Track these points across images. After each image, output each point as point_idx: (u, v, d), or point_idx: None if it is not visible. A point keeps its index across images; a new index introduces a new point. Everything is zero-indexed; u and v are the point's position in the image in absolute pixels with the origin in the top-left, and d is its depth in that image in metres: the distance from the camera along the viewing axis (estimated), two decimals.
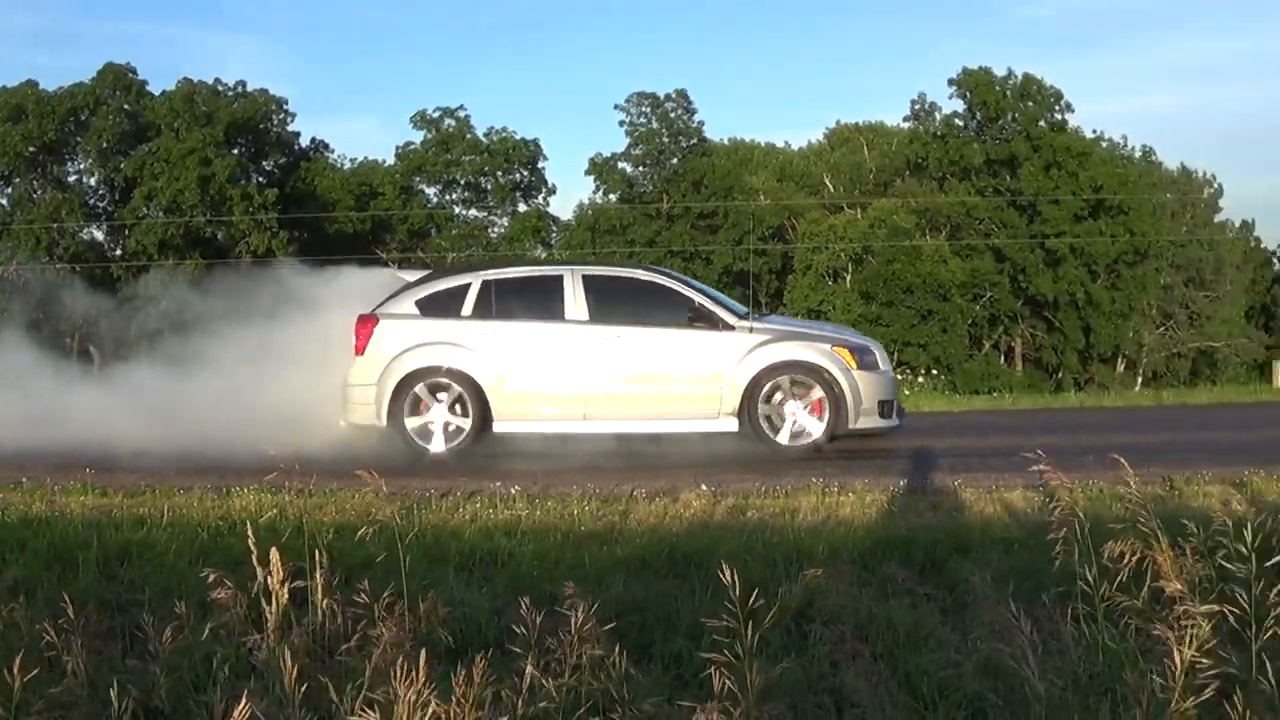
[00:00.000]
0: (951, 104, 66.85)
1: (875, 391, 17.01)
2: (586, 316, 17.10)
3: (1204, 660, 4.70)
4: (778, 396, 16.72)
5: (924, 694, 6.16)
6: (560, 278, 17.63)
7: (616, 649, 5.85)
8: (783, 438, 16.64)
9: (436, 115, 68.28)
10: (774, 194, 67.30)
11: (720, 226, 64.67)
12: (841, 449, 16.21)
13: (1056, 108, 65.22)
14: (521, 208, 68.63)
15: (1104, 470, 13.24)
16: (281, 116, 65.86)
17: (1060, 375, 62.22)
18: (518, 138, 67.69)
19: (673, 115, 67.03)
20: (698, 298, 17.72)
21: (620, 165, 67.59)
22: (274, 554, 6.58)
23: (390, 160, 68.91)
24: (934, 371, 55.51)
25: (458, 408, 17.00)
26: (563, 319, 17.12)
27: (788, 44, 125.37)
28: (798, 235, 63.32)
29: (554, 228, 69.03)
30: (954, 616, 7.55)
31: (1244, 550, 4.92)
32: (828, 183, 69.19)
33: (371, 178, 67.08)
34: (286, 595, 6.52)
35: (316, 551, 7.09)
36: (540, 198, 69.11)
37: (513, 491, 12.83)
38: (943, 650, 6.48)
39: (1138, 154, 71.19)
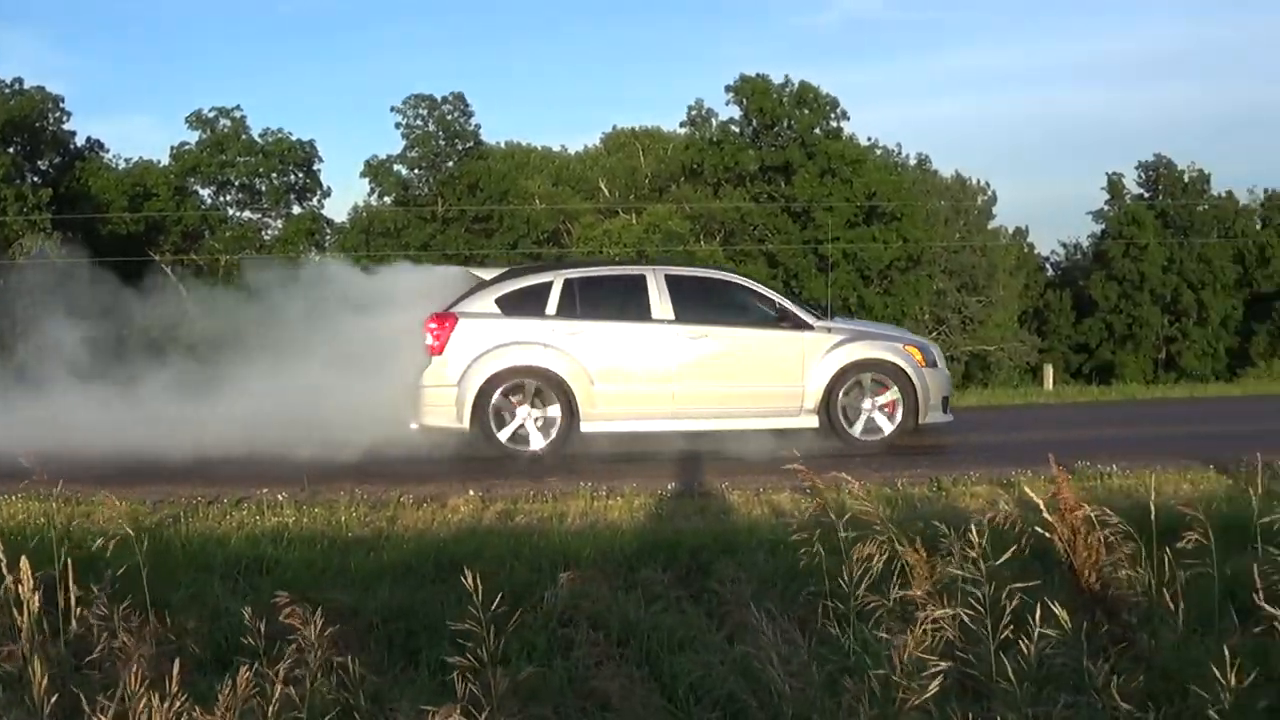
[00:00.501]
0: (729, 110, 67.49)
1: (940, 388, 17.89)
2: (672, 316, 17.30)
3: (934, 659, 4.85)
4: (855, 393, 17.31)
5: (680, 696, 6.27)
6: (643, 277, 17.79)
7: (350, 657, 5.85)
8: (857, 432, 17.19)
9: (212, 115, 67.12)
10: (549, 198, 67.24)
11: (495, 230, 64.53)
12: (614, 454, 16.30)
13: (832, 115, 66.06)
14: (296, 210, 67.96)
15: (871, 472, 13.58)
16: (57, 115, 64.21)
17: None
18: (293, 139, 67.00)
19: (449, 118, 66.72)
20: (778, 298, 18.29)
21: (396, 168, 67.13)
22: (23, 562, 6.48)
23: (165, 160, 67.57)
24: None
25: (545, 408, 16.98)
26: (649, 319, 17.28)
27: (566, 48, 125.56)
28: (572, 240, 63.40)
29: (329, 230, 68.40)
30: (717, 618, 7.66)
31: (974, 551, 5.09)
32: (603, 187, 69.28)
33: (146, 178, 65.38)
34: (38, 604, 6.42)
35: (69, 560, 7.02)
36: (315, 200, 68.53)
37: (280, 498, 12.71)
38: (706, 652, 6.58)
39: (913, 161, 72.63)
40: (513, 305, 17.31)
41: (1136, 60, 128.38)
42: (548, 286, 17.45)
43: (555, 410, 16.88)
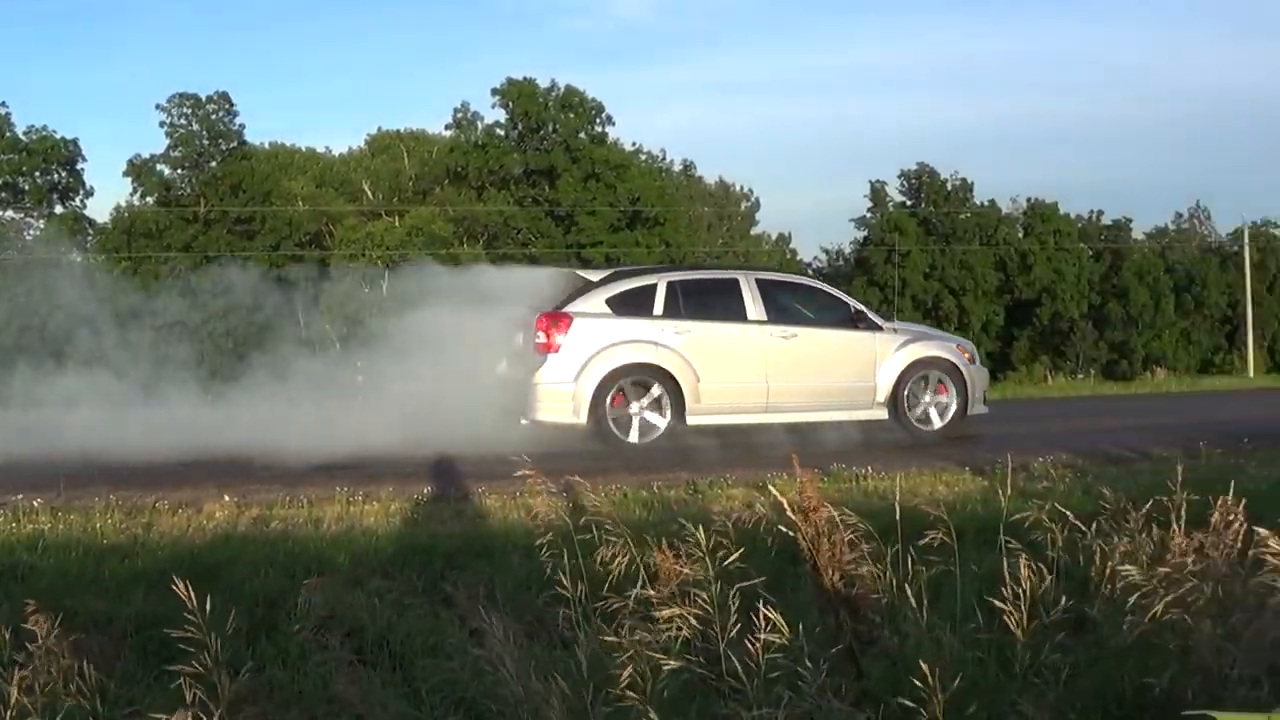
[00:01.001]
0: (495, 113, 67.18)
1: (982, 383, 20.40)
2: (765, 318, 18.92)
3: (664, 658, 4.96)
4: (918, 388, 19.38)
5: (425, 698, 6.31)
6: (737, 281, 19.36)
7: (84, 663, 5.79)
8: (920, 424, 19.33)
9: None
10: (312, 199, 66.47)
11: (258, 232, 63.66)
12: (376, 458, 16.26)
13: (598, 120, 66.24)
14: (59, 209, 66.27)
15: (630, 475, 13.73)
16: None
17: None
18: (57, 137, 65.17)
19: (214, 117, 65.54)
20: (852, 301, 20.37)
21: (159, 167, 65.82)
22: None
23: None
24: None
25: (656, 403, 18.26)
26: (745, 320, 18.83)
27: (332, 47, 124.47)
28: (334, 242, 62.81)
29: (90, 230, 66.82)
30: (467, 623, 7.71)
31: (700, 551, 5.22)
32: (367, 189, 68.75)
33: None
34: None
35: None
36: (78, 199, 66.87)
37: (35, 504, 12.48)
38: (454, 656, 6.63)
39: (678, 167, 73.16)
40: (622, 306, 18.51)
41: (902, 69, 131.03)
42: (653, 288, 18.80)
43: (665, 404, 18.24)
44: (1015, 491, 9.31)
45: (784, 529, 5.60)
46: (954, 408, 19.48)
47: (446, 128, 69.48)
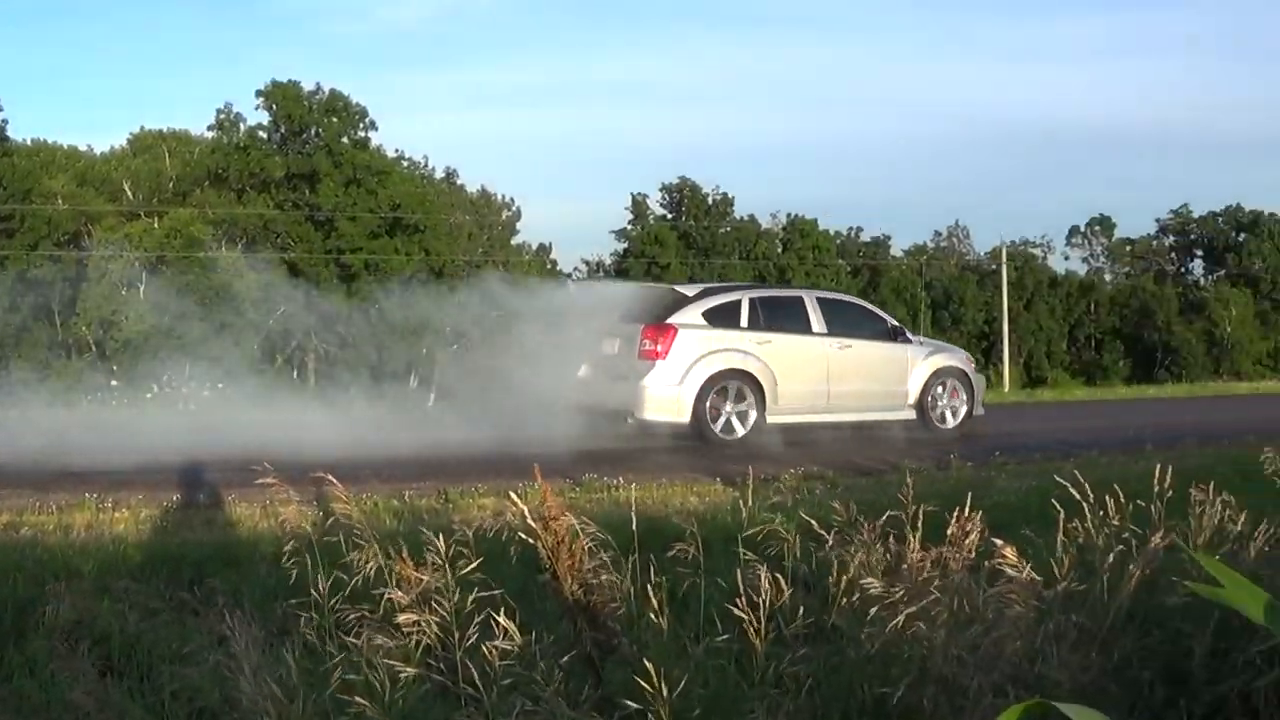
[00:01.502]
0: (258, 115, 66.49)
1: (981, 389, 24.22)
2: (826, 330, 21.91)
3: (401, 665, 5.03)
4: (938, 392, 22.84)
5: (167, 706, 6.27)
6: (802, 299, 22.66)
7: None
8: (939, 423, 22.70)
9: None
10: (72, 198, 65.05)
11: (17, 230, 62.12)
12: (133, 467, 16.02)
13: (361, 125, 65.92)
14: None
15: (381, 484, 13.75)
16: None
17: (353, 391, 62.53)
18: None
19: None
20: (889, 318, 24.12)
21: None
22: None
23: None
24: (220, 385, 54.85)
25: (743, 404, 20.76)
26: (811, 332, 21.77)
27: (97, 44, 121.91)
28: (93, 242, 61.50)
29: None
30: (214, 631, 7.67)
31: (440, 559, 5.29)
32: (127, 189, 67.43)
33: None
34: None
35: None
36: None
37: None
38: (198, 664, 6.60)
39: (440, 174, 72.93)
40: (717, 318, 21.09)
41: (668, 83, 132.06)
42: (739, 304, 21.56)
43: (752, 405, 20.77)
44: (764, 503, 9.54)
45: (525, 538, 5.69)
46: (964, 409, 23.07)
47: (209, 129, 68.56)
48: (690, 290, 22.54)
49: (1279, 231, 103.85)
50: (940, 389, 22.90)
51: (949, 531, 5.94)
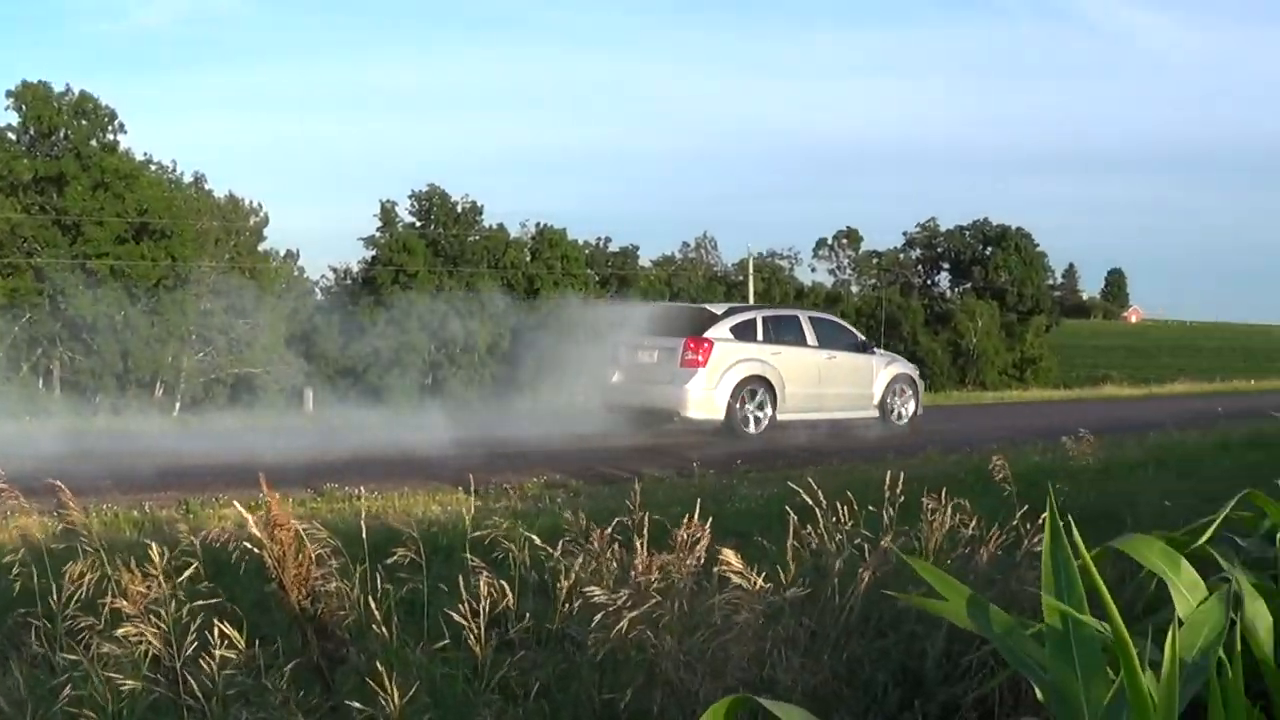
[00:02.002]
0: (8, 116, 64.50)
1: (922, 393, 29.20)
2: (817, 344, 26.28)
3: (125, 680, 4.91)
4: (893, 395, 27.37)
5: None
6: (798, 317, 27.41)
7: None
8: (895, 421, 27.09)
9: None
10: None
11: None
12: None
13: (110, 128, 64.54)
14: None
15: (122, 494, 13.41)
16: None
17: (99, 399, 61.25)
18: None
19: None
20: (857, 333, 29.64)
21: None
22: None
23: None
24: None
25: (764, 403, 24.83)
26: (807, 345, 26.07)
27: None
28: None
29: None
30: None
31: (155, 570, 5.18)
32: None
33: None
34: None
35: None
36: None
37: None
38: None
39: (189, 179, 71.55)
40: (740, 333, 25.19)
41: (419, 91, 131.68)
42: (755, 321, 25.88)
43: (769, 405, 24.86)
44: (506, 511, 9.50)
45: (251, 547, 5.60)
46: (912, 409, 27.70)
47: None
48: (718, 309, 26.92)
49: (1025, 245, 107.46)
50: (896, 392, 27.50)
51: (678, 538, 5.94)
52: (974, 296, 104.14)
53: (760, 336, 25.33)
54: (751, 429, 24.46)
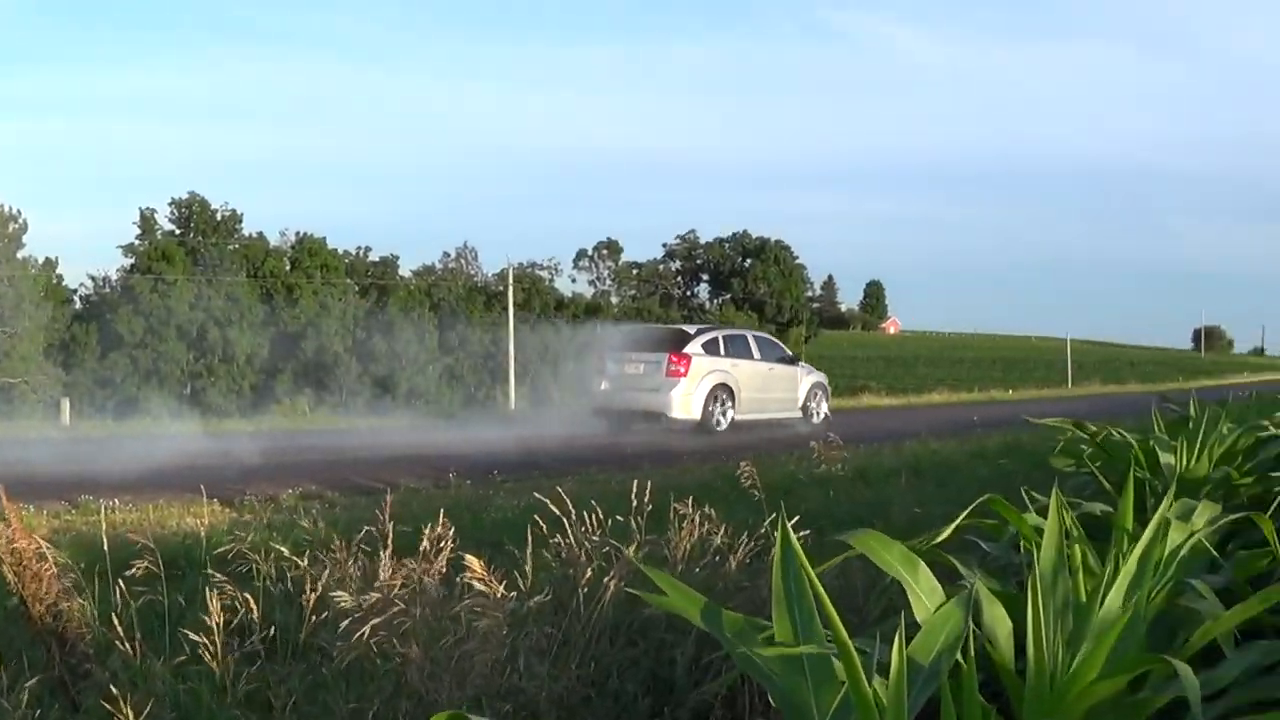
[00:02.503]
0: None
1: (829, 397, 36.27)
2: (760, 357, 32.50)
3: None
4: (812, 400, 33.78)
5: None
6: (746, 336, 34.18)
7: None
8: (813, 420, 32.86)
9: None
10: None
11: None
12: None
13: None
14: None
15: None
16: None
17: None
18: None
19: None
20: (785, 348, 36.77)
21: None
22: None
23: None
24: None
25: (726, 406, 30.56)
26: (754, 359, 32.18)
27: None
28: None
29: None
30: None
31: None
32: None
33: None
34: None
35: None
36: None
37: None
38: None
39: None
40: (708, 349, 30.93)
41: (180, 97, 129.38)
42: (718, 338, 32.03)
43: (731, 407, 30.70)
44: (257, 523, 9.36)
45: None
46: (824, 412, 34.18)
47: None
48: (691, 329, 33.17)
49: (784, 257, 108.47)
50: (813, 397, 33.92)
51: (421, 547, 5.90)
52: (733, 308, 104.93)
53: (722, 351, 31.37)
54: (720, 427, 30.06)
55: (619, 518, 6.59)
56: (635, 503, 6.55)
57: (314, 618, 5.77)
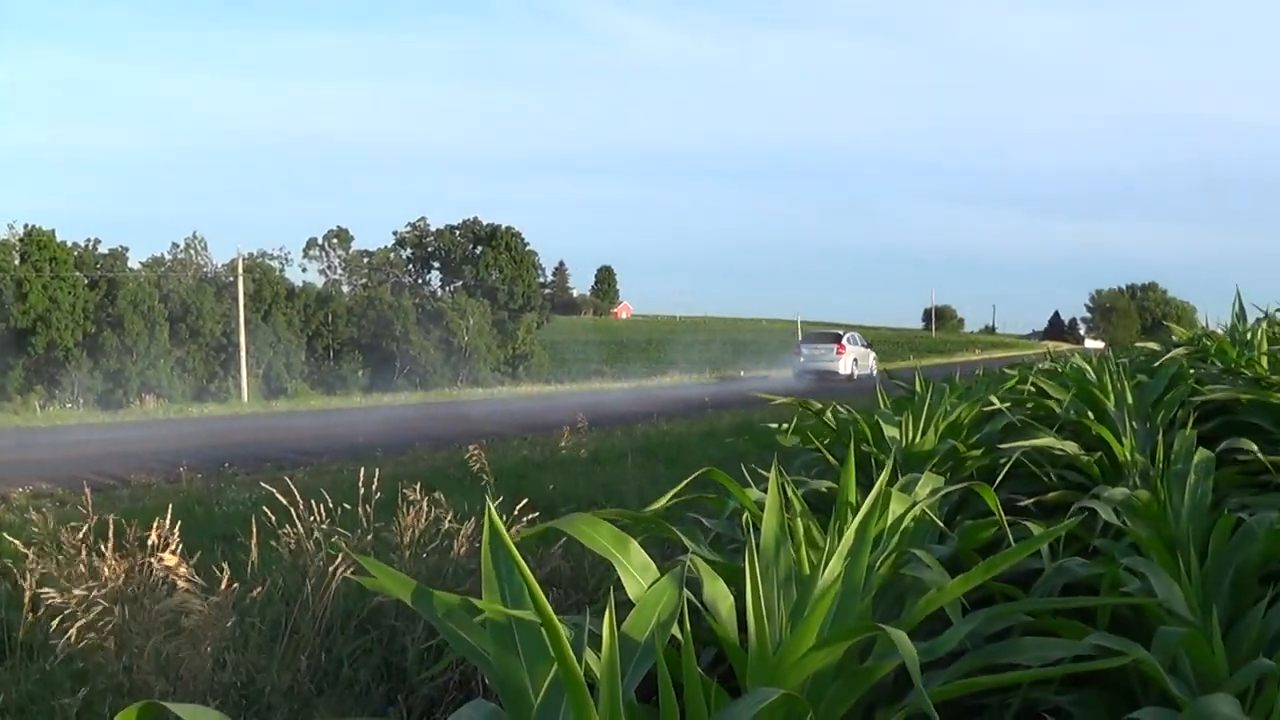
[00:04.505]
0: None
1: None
2: (857, 343, 64.46)
3: None
4: (868, 365, 65.68)
5: None
6: (855, 334, 67.65)
7: None
8: (873, 375, 55.24)
9: None
10: None
11: None
12: None
13: None
14: None
15: None
16: None
17: None
18: None
19: None
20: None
21: None
22: None
23: None
24: None
25: (854, 369, 60.58)
26: (857, 344, 64.70)
27: None
28: None
29: None
30: None
31: None
32: None
33: None
34: None
35: None
36: None
37: None
38: None
39: None
40: (849, 340, 63.02)
41: None
42: (847, 335, 64.77)
43: (856, 370, 60.41)
44: None
45: None
46: (872, 370, 59.35)
47: None
48: (840, 332, 64.94)
49: (515, 244, 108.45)
50: (868, 365, 61.49)
51: (150, 541, 5.75)
52: (465, 295, 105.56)
53: (851, 341, 61.18)
54: (854, 378, 54.02)
55: (347, 506, 6.54)
56: (364, 491, 6.50)
57: (30, 616, 5.62)
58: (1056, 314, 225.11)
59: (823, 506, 6.07)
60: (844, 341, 61.82)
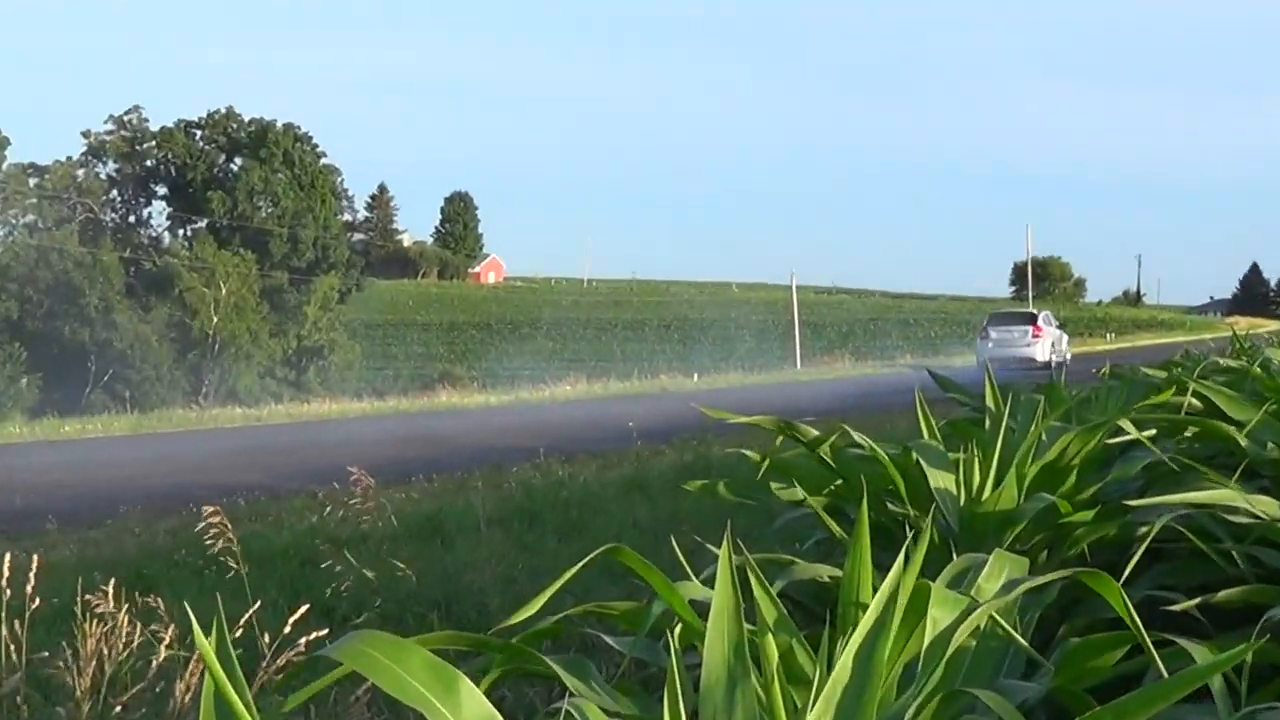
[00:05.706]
0: None
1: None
2: (1053, 325, 54.84)
3: None
4: (1062, 349, 57.02)
5: None
6: (1046, 312, 59.37)
7: None
8: (1067, 359, 53.38)
9: None
10: None
11: None
12: None
13: None
14: None
15: None
16: None
17: None
18: None
19: None
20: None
21: None
22: None
23: None
24: None
25: (1052, 354, 50.69)
26: (1052, 325, 54.54)
27: None
28: None
29: None
30: None
31: None
32: None
33: None
34: None
35: None
36: None
37: None
38: None
39: None
40: (1045, 320, 53.69)
41: None
42: (1043, 315, 55.50)
43: (1054, 355, 50.83)
44: None
45: None
46: (1067, 356, 53.67)
47: None
48: (1035, 309, 59.06)
49: (301, 153, 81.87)
50: (1063, 350, 54.34)
51: None
52: (214, 245, 73.93)
53: (1046, 321, 53.34)
54: (1052, 365, 44.13)
55: None
56: (8, 594, 3.95)
57: None
58: (1255, 269, 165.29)
59: (822, 610, 3.48)
60: (1039, 322, 51.92)
